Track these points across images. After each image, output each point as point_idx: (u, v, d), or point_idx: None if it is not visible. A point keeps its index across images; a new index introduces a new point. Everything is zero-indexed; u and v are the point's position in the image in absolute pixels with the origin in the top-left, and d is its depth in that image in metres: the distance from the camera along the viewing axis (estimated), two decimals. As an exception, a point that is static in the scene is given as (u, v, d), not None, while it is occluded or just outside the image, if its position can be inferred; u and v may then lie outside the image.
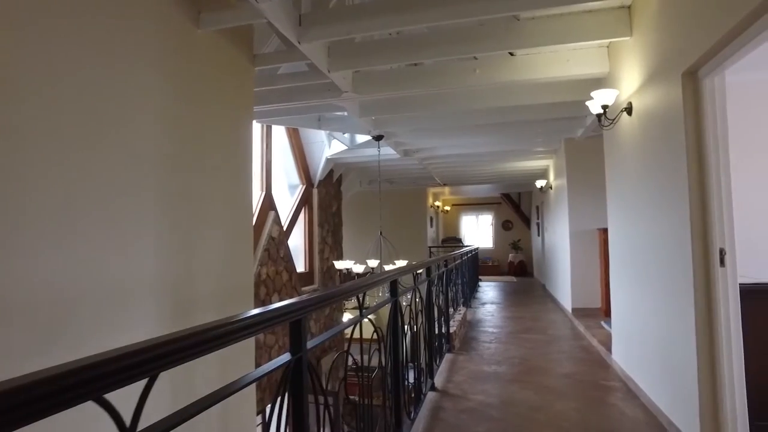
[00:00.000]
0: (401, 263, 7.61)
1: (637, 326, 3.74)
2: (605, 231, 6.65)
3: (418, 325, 3.42)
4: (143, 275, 2.65)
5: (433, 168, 10.31)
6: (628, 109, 3.65)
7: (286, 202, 8.41)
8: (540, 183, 10.18)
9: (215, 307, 3.33)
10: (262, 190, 7.16)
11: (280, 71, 4.89)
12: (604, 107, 3.71)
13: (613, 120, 3.78)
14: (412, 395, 3.17)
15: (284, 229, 7.73)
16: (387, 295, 2.73)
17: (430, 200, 15.94)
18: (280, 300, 7.16)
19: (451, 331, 5.34)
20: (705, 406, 2.63)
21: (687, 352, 2.76)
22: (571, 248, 7.28)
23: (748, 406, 2.57)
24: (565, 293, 7.85)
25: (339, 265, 7.29)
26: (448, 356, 4.96)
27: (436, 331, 4.39)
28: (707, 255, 2.64)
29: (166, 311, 2.81)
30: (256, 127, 7.00)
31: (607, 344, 4.90)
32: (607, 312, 6.56)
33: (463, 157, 9.39)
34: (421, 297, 3.60)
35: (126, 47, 2.63)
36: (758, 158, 4.11)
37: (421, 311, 3.56)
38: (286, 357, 1.31)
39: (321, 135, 8.48)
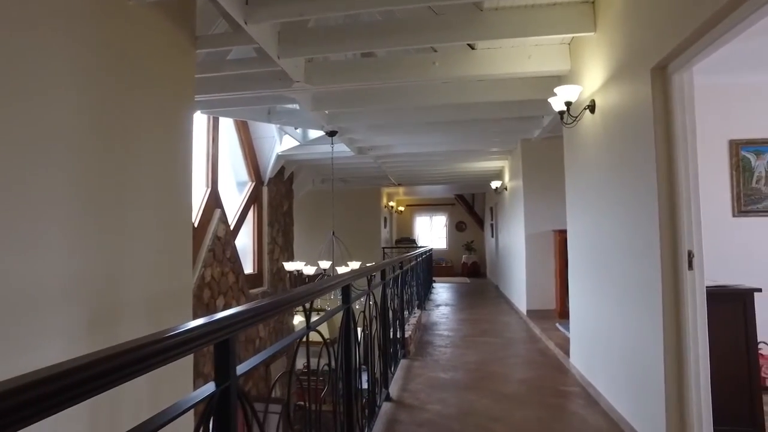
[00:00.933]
0: (354, 265, 7.35)
1: (598, 330, 3.64)
2: (561, 233, 6.63)
3: (373, 333, 3.17)
4: (54, 279, 2.27)
5: (388, 167, 10.10)
6: (591, 107, 3.54)
7: (233, 200, 7.96)
8: (495, 184, 10.17)
9: (147, 315, 2.96)
10: (208, 187, 6.71)
11: (229, 57, 4.54)
12: (568, 104, 3.59)
13: (576, 117, 3.67)
14: (365, 409, 2.92)
15: (231, 228, 7.29)
16: (339, 298, 2.47)
17: (385, 200, 15.76)
18: (226, 304, 6.75)
19: (406, 335, 5.13)
20: (671, 412, 2.52)
21: (653, 357, 2.64)
22: (527, 250, 7.24)
23: (707, 412, 2.49)
24: (519, 295, 7.81)
25: (289, 266, 6.94)
26: (403, 362, 4.74)
27: (391, 336, 4.16)
28: (676, 257, 2.54)
29: (84, 322, 2.43)
30: (202, 119, 6.55)
31: (564, 347, 4.82)
32: (561, 314, 6.54)
33: (418, 157, 9.23)
34: (375, 301, 3.35)
35: (36, 14, 2.25)
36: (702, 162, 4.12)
37: (376, 317, 3.32)
38: (209, 388, 1.02)
39: (272, 130, 8.09)
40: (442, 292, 11.72)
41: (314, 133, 7.33)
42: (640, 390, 2.87)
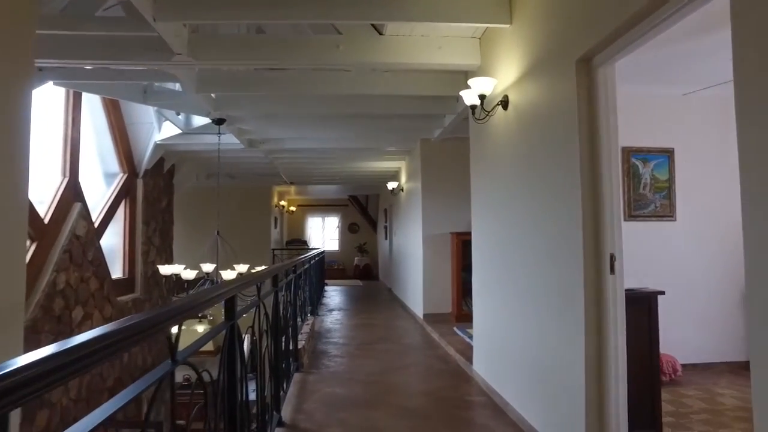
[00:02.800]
0: (242, 268, 6.69)
1: (508, 336, 3.46)
2: (459, 235, 6.57)
3: (263, 350, 2.68)
4: None
5: (280, 163, 9.48)
6: (504, 103, 3.36)
7: (99, 193, 6.87)
8: (392, 185, 9.99)
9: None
10: (64, 176, 5.66)
11: (99, 14, 3.74)
12: (482, 97, 3.38)
13: (489, 112, 3.48)
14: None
15: (95, 225, 6.26)
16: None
17: (275, 199, 15.00)
18: (85, 315, 5.74)
19: (300, 346, 4.65)
20: (591, 419, 2.37)
21: (572, 362, 2.48)
22: (424, 252, 7.08)
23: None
24: (416, 299, 7.65)
25: (165, 270, 6.10)
26: (296, 376, 4.25)
27: (283, 347, 3.66)
28: (599, 261, 2.39)
29: None
30: (58, 93, 5.50)
31: (466, 353, 4.65)
32: (458, 317, 6.47)
33: (313, 153, 8.75)
34: (266, 313, 2.86)
35: None
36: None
37: (267, 331, 2.82)
38: None
39: (149, 114, 7.11)
40: (335, 295, 11.33)
41: (199, 121, 6.51)
42: (556, 398, 2.70)
